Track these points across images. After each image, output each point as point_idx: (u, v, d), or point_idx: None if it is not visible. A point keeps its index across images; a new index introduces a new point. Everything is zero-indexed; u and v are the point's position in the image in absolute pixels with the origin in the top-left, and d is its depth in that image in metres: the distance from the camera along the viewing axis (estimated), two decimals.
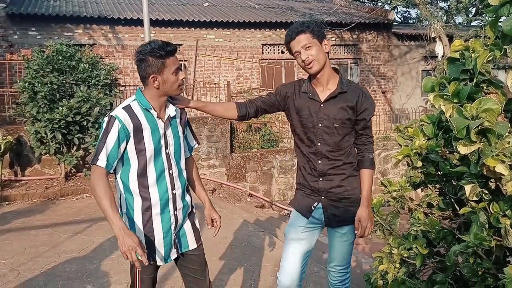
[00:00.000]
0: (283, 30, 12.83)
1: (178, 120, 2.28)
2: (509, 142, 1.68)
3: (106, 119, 2.07)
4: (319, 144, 2.34)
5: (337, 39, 13.51)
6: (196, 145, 2.51)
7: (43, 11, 10.57)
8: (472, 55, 1.87)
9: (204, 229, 2.59)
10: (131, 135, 2.07)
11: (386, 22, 13.74)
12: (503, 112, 2.00)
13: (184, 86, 2.34)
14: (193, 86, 11.32)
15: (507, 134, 1.68)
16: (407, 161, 2.41)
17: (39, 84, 6.57)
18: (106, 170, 2.00)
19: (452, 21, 15.34)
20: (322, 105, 2.31)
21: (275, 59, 12.95)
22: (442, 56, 10.26)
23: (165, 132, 2.18)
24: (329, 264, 2.54)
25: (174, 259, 2.32)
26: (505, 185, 1.75)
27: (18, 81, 7.01)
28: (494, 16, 1.67)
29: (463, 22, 11.16)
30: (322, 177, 2.38)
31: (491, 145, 1.68)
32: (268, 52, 13.00)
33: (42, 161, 7.62)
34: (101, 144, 2.01)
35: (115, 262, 4.15)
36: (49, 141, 6.79)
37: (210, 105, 2.51)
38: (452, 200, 2.31)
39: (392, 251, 2.28)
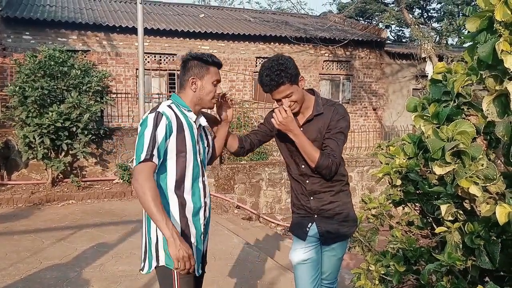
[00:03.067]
0: (277, 43, 12.96)
1: (206, 131, 2.29)
2: (483, 164, 1.72)
3: (151, 115, 1.99)
4: (303, 166, 2.39)
5: (330, 55, 13.65)
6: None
7: (38, 16, 10.59)
8: (453, 78, 1.92)
9: None
10: (174, 133, 2.01)
11: (379, 40, 13.93)
12: (482, 134, 2.05)
13: (216, 101, 2.25)
14: None
15: (480, 156, 1.72)
16: (387, 179, 2.44)
17: (30, 89, 6.57)
18: (154, 164, 1.92)
19: (444, 41, 15.57)
20: (301, 129, 2.34)
21: None
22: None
23: (197, 139, 2.16)
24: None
25: None
26: (479, 206, 1.80)
27: (9, 84, 7.00)
28: (472, 42, 1.72)
29: (456, 43, 11.35)
30: (313, 195, 2.43)
31: (465, 166, 1.72)
32: None
33: (29, 165, 7.58)
34: (150, 139, 1.93)
35: (97, 270, 4.12)
36: (37, 146, 6.77)
37: (227, 131, 2.51)
38: (430, 219, 2.35)
39: (370, 268, 2.30)
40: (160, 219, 1.84)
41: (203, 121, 2.21)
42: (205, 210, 2.18)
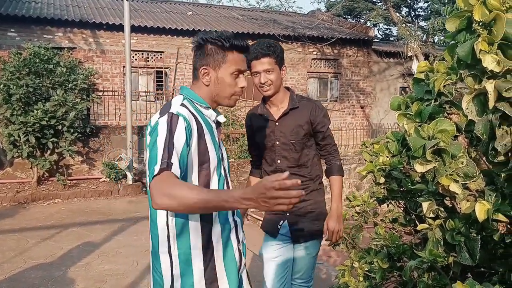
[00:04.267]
0: None
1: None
2: (463, 162, 1.75)
3: (163, 119, 1.51)
4: (278, 161, 2.41)
5: (318, 53, 13.68)
6: None
7: (24, 13, 10.44)
8: (434, 77, 1.95)
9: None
10: (195, 139, 1.55)
11: (366, 38, 13.99)
12: (464, 132, 2.08)
13: (238, 98, 1.74)
14: (173, 94, 11.30)
15: (460, 154, 1.74)
16: (371, 177, 2.47)
17: (15, 86, 6.50)
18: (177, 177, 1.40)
19: (430, 40, 15.70)
20: (277, 123, 2.40)
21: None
22: None
23: (219, 142, 1.73)
24: (291, 278, 2.57)
25: None
26: (459, 204, 1.82)
27: None
28: (452, 41, 1.74)
29: (440, 41, 11.46)
30: None
31: (445, 164, 1.74)
32: None
33: (14, 164, 7.51)
34: (165, 147, 1.43)
35: (83, 269, 4.10)
36: (22, 144, 6.71)
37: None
38: (414, 216, 2.37)
39: (354, 265, 2.32)
40: (215, 198, 1.31)
41: (221, 117, 1.75)
42: (237, 232, 1.73)
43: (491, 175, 1.91)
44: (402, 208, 2.56)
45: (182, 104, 1.60)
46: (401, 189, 2.41)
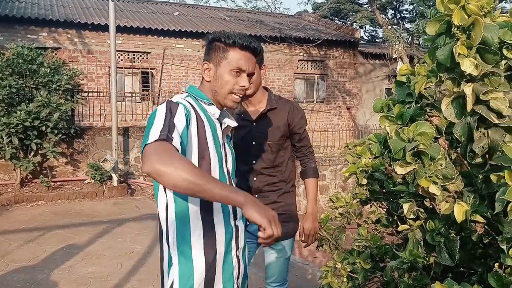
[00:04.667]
0: None
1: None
2: (442, 164, 1.77)
3: (162, 105, 1.50)
4: (254, 162, 2.40)
5: (304, 55, 13.74)
6: None
7: (7, 12, 10.30)
8: (414, 80, 1.97)
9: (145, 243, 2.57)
10: (195, 128, 1.52)
11: (352, 40, 14.09)
12: (444, 134, 2.11)
13: (239, 99, 1.66)
14: (159, 94, 11.24)
15: (440, 156, 1.77)
16: (354, 179, 2.49)
17: None
18: (177, 150, 1.35)
19: (415, 42, 15.88)
20: (254, 124, 2.38)
21: None
22: None
23: (223, 142, 1.68)
24: (265, 281, 2.55)
25: None
26: (439, 205, 1.85)
27: None
28: (432, 44, 1.77)
29: (424, 44, 11.61)
30: (258, 193, 2.42)
31: (425, 166, 1.77)
32: None
33: None
34: (164, 122, 1.39)
35: (66, 272, 4.06)
36: (5, 145, 6.61)
37: None
38: (395, 217, 2.40)
39: (337, 266, 2.34)
40: (218, 190, 1.30)
41: (231, 121, 1.69)
42: (237, 237, 1.66)
43: (470, 176, 1.94)
44: (385, 209, 2.59)
45: (183, 99, 1.58)
46: (383, 191, 2.44)
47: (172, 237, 1.54)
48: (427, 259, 2.01)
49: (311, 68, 14.06)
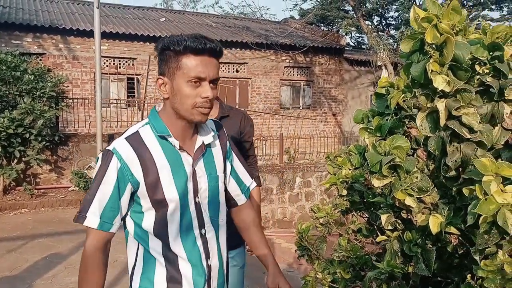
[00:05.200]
0: (238, 49, 13.02)
1: (216, 148, 1.59)
2: (417, 177, 1.82)
3: (100, 155, 1.40)
4: None
5: (291, 61, 13.83)
6: (254, 185, 1.82)
7: None
8: (391, 94, 2.02)
9: None
10: (141, 179, 1.38)
11: (338, 47, 14.24)
12: (422, 146, 2.16)
13: (207, 110, 1.44)
14: (144, 101, 11.21)
15: (415, 169, 1.81)
16: (335, 189, 2.53)
17: None
18: (103, 233, 1.37)
19: (400, 49, 16.06)
20: None
21: (229, 78, 13.07)
22: None
23: (194, 171, 1.48)
24: None
25: None
26: (415, 216, 1.89)
27: None
28: (406, 61, 1.81)
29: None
30: None
31: (401, 179, 1.81)
32: (223, 70, 13.11)
33: None
34: (91, 193, 1.37)
35: (49, 282, 4.03)
36: None
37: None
38: (375, 227, 2.44)
39: (317, 276, 2.37)
40: None
41: (206, 137, 1.52)
42: (209, 278, 1.52)
43: (446, 187, 1.98)
44: (366, 218, 2.64)
45: (135, 134, 1.43)
46: (364, 201, 2.49)
47: (137, 272, 1.52)
48: (405, 269, 2.06)
49: (297, 75, 14.15)
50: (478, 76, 1.79)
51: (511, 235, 1.48)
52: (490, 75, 1.77)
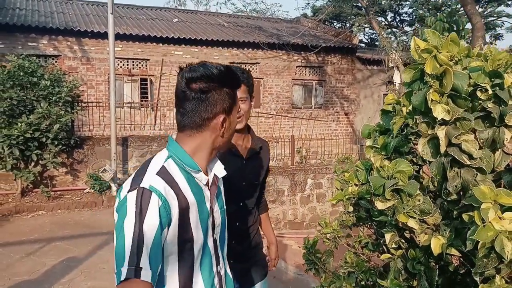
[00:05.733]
0: (250, 49, 13.08)
1: (220, 179, 1.55)
2: (419, 200, 1.88)
3: (132, 195, 1.24)
4: (241, 203, 2.26)
5: (303, 61, 13.84)
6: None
7: (8, 20, 10.41)
8: (393, 120, 2.07)
9: None
10: (175, 218, 1.28)
11: (350, 46, 14.20)
12: (428, 162, 2.22)
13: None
14: (157, 105, 11.34)
15: (417, 192, 1.87)
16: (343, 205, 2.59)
17: None
18: (149, 286, 1.19)
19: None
20: (245, 162, 2.23)
21: None
22: (399, 83, 10.72)
23: (211, 207, 1.44)
24: None
25: None
26: (418, 236, 1.96)
27: None
28: (408, 88, 1.87)
29: None
30: (243, 235, 2.33)
31: (403, 202, 1.87)
32: None
33: None
34: (133, 240, 1.18)
35: (66, 286, 4.16)
36: (6, 156, 6.72)
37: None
38: (381, 241, 2.50)
39: None
40: None
41: (218, 169, 1.47)
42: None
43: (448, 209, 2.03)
44: (373, 230, 2.70)
45: (162, 169, 1.31)
46: (370, 216, 2.55)
47: None
48: (411, 283, 2.13)
49: (309, 74, 14.16)
50: (479, 102, 1.84)
51: (509, 260, 1.54)
52: (491, 101, 1.82)
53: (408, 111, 1.95)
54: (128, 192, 1.25)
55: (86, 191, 7.77)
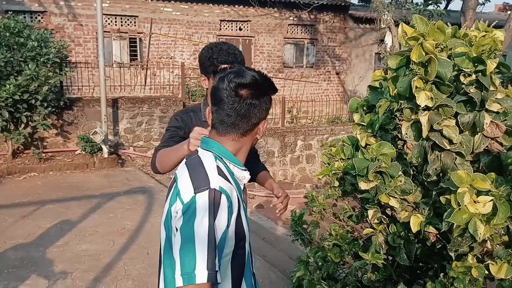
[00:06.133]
0: (241, 6, 12.81)
1: None
2: (401, 180, 1.96)
3: (203, 196, 1.23)
4: None
5: (295, 19, 13.62)
6: None
7: None
8: (379, 103, 2.12)
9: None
10: (234, 217, 1.30)
11: (343, 4, 13.96)
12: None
13: None
14: (147, 65, 11.19)
15: (399, 173, 1.95)
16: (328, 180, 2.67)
17: None
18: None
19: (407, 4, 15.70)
20: None
21: (232, 36, 12.95)
22: (391, 46, 10.65)
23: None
24: None
25: None
26: (399, 214, 2.06)
27: None
28: (394, 74, 1.91)
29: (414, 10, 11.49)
30: None
31: (386, 183, 1.96)
32: (226, 29, 12.97)
33: None
34: (208, 242, 1.19)
35: (61, 250, 4.28)
36: None
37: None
38: (365, 213, 2.61)
39: (309, 260, 2.57)
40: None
41: (246, 174, 1.46)
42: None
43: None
44: (358, 202, 2.80)
45: (219, 170, 1.32)
46: (355, 189, 2.64)
47: None
48: (391, 257, 2.26)
49: (301, 33, 13.98)
50: (462, 86, 1.90)
51: (481, 240, 1.64)
52: (473, 86, 1.87)
53: (393, 94, 2.00)
54: (195, 193, 1.24)
55: (77, 153, 7.81)
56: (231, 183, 1.32)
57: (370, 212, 2.19)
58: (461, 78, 1.88)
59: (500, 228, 1.68)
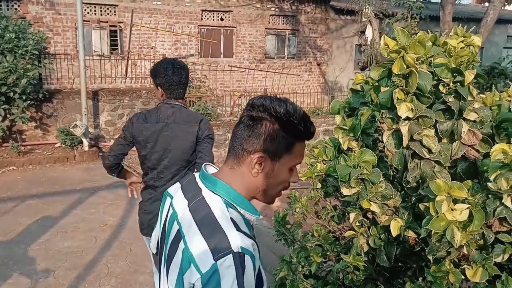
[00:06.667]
0: None
1: None
2: (382, 186, 2.03)
3: (224, 263, 1.05)
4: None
5: (276, 9, 13.60)
6: None
7: None
8: (361, 111, 2.16)
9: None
10: (257, 270, 1.17)
11: None
12: None
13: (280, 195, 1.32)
14: (128, 56, 11.04)
15: (380, 179, 2.01)
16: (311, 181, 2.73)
17: None
18: None
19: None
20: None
21: (214, 26, 12.87)
22: (371, 39, 10.74)
23: None
24: None
25: None
26: (379, 217, 2.12)
27: None
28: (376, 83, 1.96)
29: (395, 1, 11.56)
30: None
31: (367, 189, 2.01)
32: (208, 19, 12.87)
33: None
34: None
35: (43, 247, 4.26)
36: None
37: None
38: (347, 213, 2.68)
39: (292, 260, 2.63)
40: None
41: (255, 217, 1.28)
42: None
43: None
44: (339, 202, 2.87)
45: (234, 223, 1.14)
46: (337, 190, 2.70)
47: None
48: (371, 258, 2.33)
49: (283, 24, 13.97)
50: (442, 95, 1.96)
51: (458, 246, 1.72)
52: (452, 95, 1.94)
53: (375, 103, 2.05)
54: (216, 260, 1.05)
55: (57, 146, 7.70)
56: (249, 236, 1.15)
57: (352, 216, 2.25)
58: (441, 87, 1.94)
59: (476, 234, 1.75)
